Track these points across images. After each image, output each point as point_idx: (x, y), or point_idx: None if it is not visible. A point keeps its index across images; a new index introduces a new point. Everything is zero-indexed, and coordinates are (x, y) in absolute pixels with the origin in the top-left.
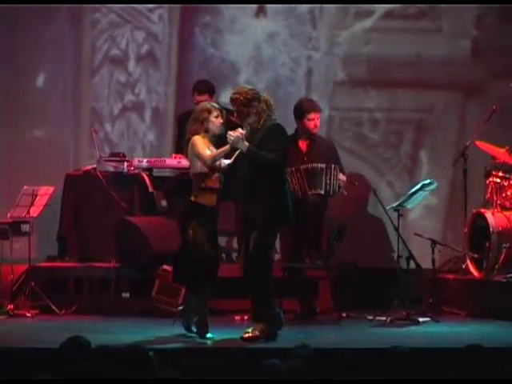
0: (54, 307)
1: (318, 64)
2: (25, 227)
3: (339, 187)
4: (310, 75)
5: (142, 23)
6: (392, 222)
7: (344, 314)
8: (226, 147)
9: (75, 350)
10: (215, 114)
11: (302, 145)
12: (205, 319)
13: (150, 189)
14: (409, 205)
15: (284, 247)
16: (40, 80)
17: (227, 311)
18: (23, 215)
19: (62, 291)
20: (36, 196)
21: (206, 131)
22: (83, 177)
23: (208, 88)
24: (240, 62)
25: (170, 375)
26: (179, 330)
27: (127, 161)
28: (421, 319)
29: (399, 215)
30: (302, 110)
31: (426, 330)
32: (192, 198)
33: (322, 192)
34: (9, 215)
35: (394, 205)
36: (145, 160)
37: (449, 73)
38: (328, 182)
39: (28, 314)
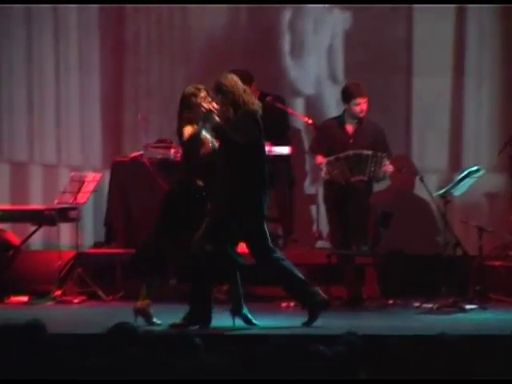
0: (101, 293)
1: None
2: (72, 213)
3: (384, 175)
4: None
5: None
6: (439, 209)
7: (390, 301)
8: (196, 129)
9: (122, 336)
10: (202, 94)
11: (349, 128)
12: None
13: None
14: (456, 192)
15: (332, 234)
16: None
17: (273, 297)
18: (70, 201)
19: (109, 277)
20: (83, 182)
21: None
22: (130, 163)
23: (248, 77)
24: None
25: (217, 362)
26: (227, 316)
27: (174, 147)
28: (468, 306)
29: (446, 202)
30: (348, 94)
31: (473, 318)
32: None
33: (365, 178)
34: (56, 201)
35: (441, 192)
36: None
37: None
38: (373, 169)
39: (75, 301)
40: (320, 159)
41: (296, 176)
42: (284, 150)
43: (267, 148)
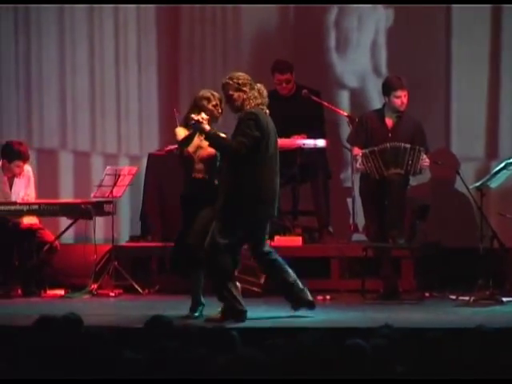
0: (137, 287)
1: None
2: (108, 207)
3: (421, 169)
4: None
5: None
6: (475, 202)
7: (427, 294)
8: (190, 132)
9: (159, 329)
10: (213, 102)
11: (388, 121)
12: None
13: None
14: (492, 184)
15: (368, 227)
16: None
17: (310, 291)
18: (106, 195)
19: (145, 271)
20: (119, 176)
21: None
22: (166, 157)
23: (289, 66)
24: None
25: (254, 355)
26: (263, 309)
27: None
28: (505, 299)
29: (482, 194)
30: (389, 86)
31: (510, 310)
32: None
33: (402, 172)
34: (92, 195)
35: (477, 184)
36: None
37: None
38: (410, 162)
39: (111, 294)
40: (356, 151)
41: (332, 169)
42: (320, 142)
43: (303, 141)
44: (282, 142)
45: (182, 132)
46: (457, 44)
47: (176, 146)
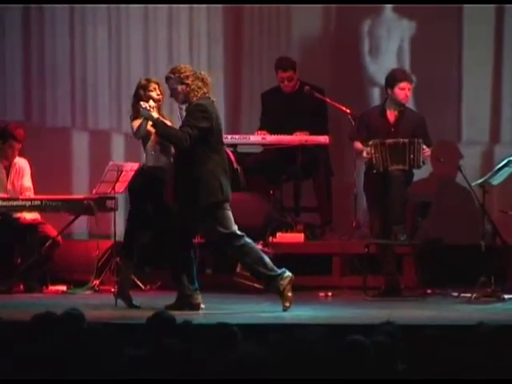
0: (138, 283)
1: None
2: (110, 203)
3: (423, 161)
4: None
5: None
6: (477, 199)
7: (429, 291)
8: (141, 120)
9: (161, 326)
10: (150, 88)
11: (391, 116)
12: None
13: (235, 165)
14: (494, 181)
15: (370, 223)
16: None
17: (311, 287)
18: (109, 191)
19: (147, 267)
20: (121, 172)
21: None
22: None
23: (292, 64)
24: None
25: (255, 351)
26: (264, 305)
27: None
28: (506, 296)
29: (484, 192)
30: (393, 78)
31: None
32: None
33: (406, 167)
34: (94, 191)
35: (479, 181)
36: (229, 136)
37: None
38: (412, 157)
39: (113, 290)
40: (358, 145)
41: (334, 165)
42: (322, 139)
43: (305, 137)
44: (285, 138)
45: (136, 124)
46: (467, 49)
47: None
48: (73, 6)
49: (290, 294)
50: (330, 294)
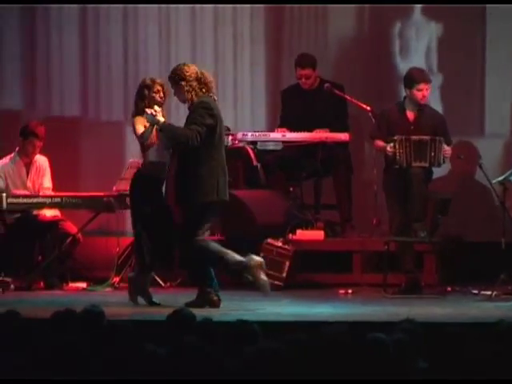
0: (158, 280)
1: None
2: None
3: (444, 159)
4: None
5: None
6: (497, 196)
7: (449, 288)
8: (147, 126)
9: (181, 323)
10: (154, 89)
11: (410, 115)
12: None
13: (255, 162)
14: None
15: (390, 220)
16: None
17: (331, 285)
18: (128, 188)
19: (167, 264)
20: None
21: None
22: None
23: (311, 61)
24: None
25: (275, 348)
26: (284, 303)
27: (231, 134)
28: None
29: (505, 189)
30: (411, 79)
31: None
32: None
33: (427, 165)
34: (114, 188)
35: (500, 178)
36: (249, 133)
37: None
38: (433, 154)
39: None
40: (380, 143)
41: (354, 163)
42: (342, 136)
43: (325, 134)
44: (305, 135)
45: (140, 123)
46: (490, 47)
47: None
48: (126, 6)
49: (263, 278)
50: (349, 291)
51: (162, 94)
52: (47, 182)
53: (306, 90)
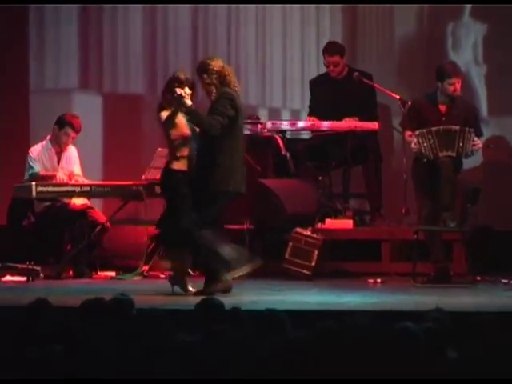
0: (187, 268)
1: None
2: (159, 189)
3: (472, 151)
4: None
5: None
6: None
7: (478, 278)
8: (172, 109)
9: (209, 312)
10: (185, 83)
11: (442, 106)
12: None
13: (283, 151)
14: None
15: (419, 210)
16: None
17: (360, 274)
18: (157, 177)
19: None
20: None
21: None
22: None
23: (339, 49)
24: None
25: (303, 337)
26: (313, 292)
27: (261, 123)
28: None
29: None
30: (443, 73)
31: None
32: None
33: (454, 154)
34: (143, 177)
35: None
36: (278, 122)
37: None
38: (461, 144)
39: (162, 276)
40: (409, 136)
41: (383, 152)
42: (371, 125)
43: (354, 123)
44: (334, 124)
45: (165, 115)
46: None
47: None
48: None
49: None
50: (378, 280)
51: (188, 91)
52: (77, 170)
53: (335, 79)
